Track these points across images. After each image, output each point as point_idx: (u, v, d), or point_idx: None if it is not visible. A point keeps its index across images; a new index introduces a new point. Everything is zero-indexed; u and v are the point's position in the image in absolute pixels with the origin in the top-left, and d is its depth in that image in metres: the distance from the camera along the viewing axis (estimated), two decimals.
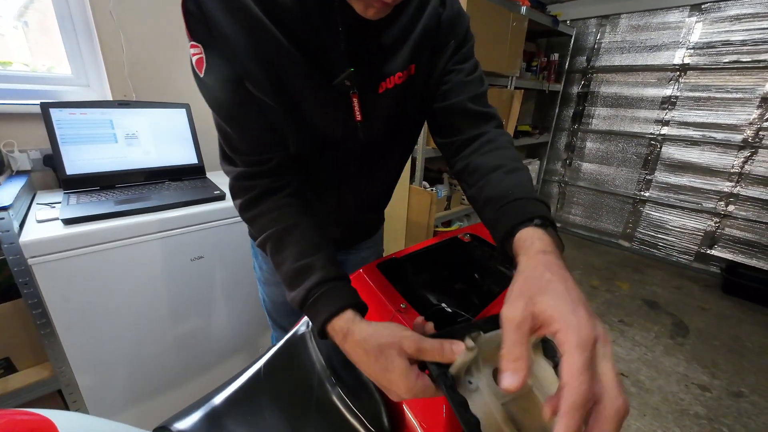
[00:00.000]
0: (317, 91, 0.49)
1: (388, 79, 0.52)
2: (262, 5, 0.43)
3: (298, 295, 0.45)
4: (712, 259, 2.57)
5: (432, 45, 0.54)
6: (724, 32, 2.25)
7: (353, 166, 0.60)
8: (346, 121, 0.52)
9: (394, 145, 0.62)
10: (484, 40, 1.87)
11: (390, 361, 0.37)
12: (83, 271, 0.91)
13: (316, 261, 0.46)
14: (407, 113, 0.58)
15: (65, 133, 1.09)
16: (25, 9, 1.25)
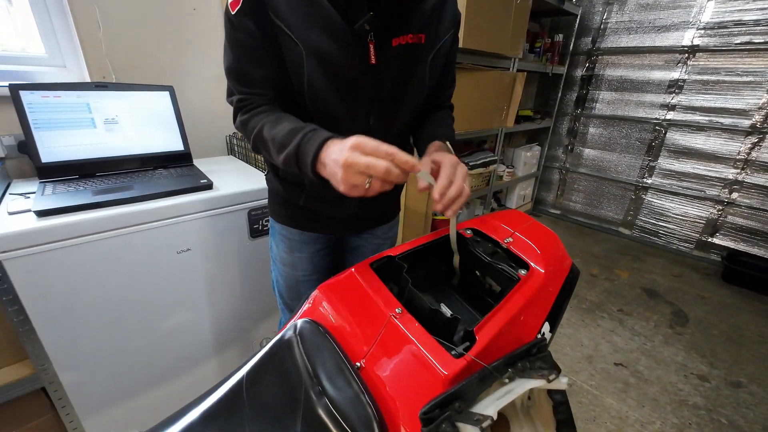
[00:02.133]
0: (340, 35, 0.58)
1: (401, 37, 0.61)
2: None
3: (296, 140, 0.55)
4: (713, 247, 2.54)
5: (438, 23, 0.65)
6: (737, 11, 2.15)
7: (367, 108, 0.66)
8: (362, 63, 0.60)
9: (404, 100, 0.68)
10: (487, 20, 1.78)
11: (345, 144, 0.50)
12: (61, 265, 0.86)
13: (304, 124, 0.58)
14: (416, 74, 0.66)
15: (38, 118, 1.01)
16: None
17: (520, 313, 0.49)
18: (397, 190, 0.91)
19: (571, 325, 1.86)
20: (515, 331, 0.49)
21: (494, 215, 0.69)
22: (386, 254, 0.59)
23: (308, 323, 0.53)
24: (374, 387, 0.45)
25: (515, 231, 0.62)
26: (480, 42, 1.79)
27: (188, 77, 1.43)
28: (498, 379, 0.41)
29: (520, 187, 3.07)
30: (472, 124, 2.05)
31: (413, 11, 0.61)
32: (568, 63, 2.89)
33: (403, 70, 0.65)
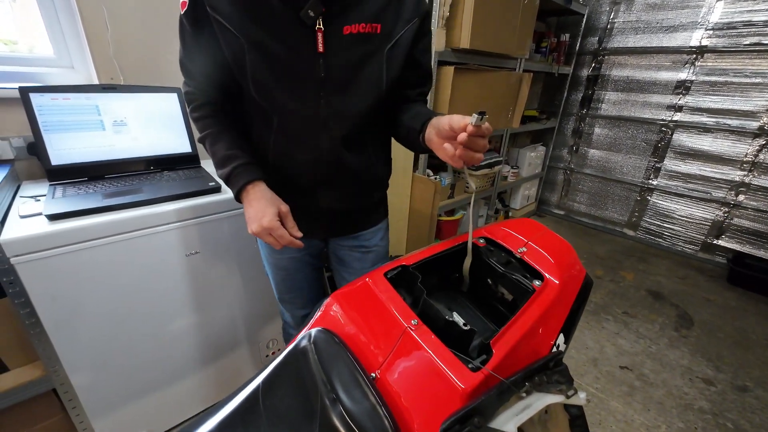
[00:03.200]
0: (284, 23, 0.59)
1: (353, 25, 0.61)
2: None
3: (226, 171, 0.67)
4: (718, 249, 2.53)
5: (396, 12, 0.64)
6: (746, 12, 2.13)
7: (311, 96, 0.65)
8: (306, 51, 0.61)
9: (356, 89, 0.66)
10: (494, 20, 1.76)
11: (269, 206, 0.64)
12: (71, 268, 0.86)
13: (239, 152, 0.68)
14: (370, 64, 0.65)
15: (48, 120, 1.02)
16: None
17: (536, 325, 0.49)
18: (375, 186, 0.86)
19: (577, 328, 1.86)
20: (531, 343, 0.49)
21: (506, 223, 0.68)
22: (400, 263, 0.59)
23: (323, 332, 0.53)
24: (390, 398, 0.45)
25: (529, 240, 0.62)
26: (486, 43, 1.78)
27: None
28: (516, 393, 0.41)
29: (524, 187, 3.06)
30: None
31: (367, 3, 0.61)
32: (574, 63, 2.87)
33: (355, 60, 0.63)
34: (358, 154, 0.75)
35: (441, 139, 0.58)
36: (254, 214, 0.64)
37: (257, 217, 0.63)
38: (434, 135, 0.60)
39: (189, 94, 0.73)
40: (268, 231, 0.62)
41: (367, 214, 0.88)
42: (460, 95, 1.76)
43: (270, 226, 0.62)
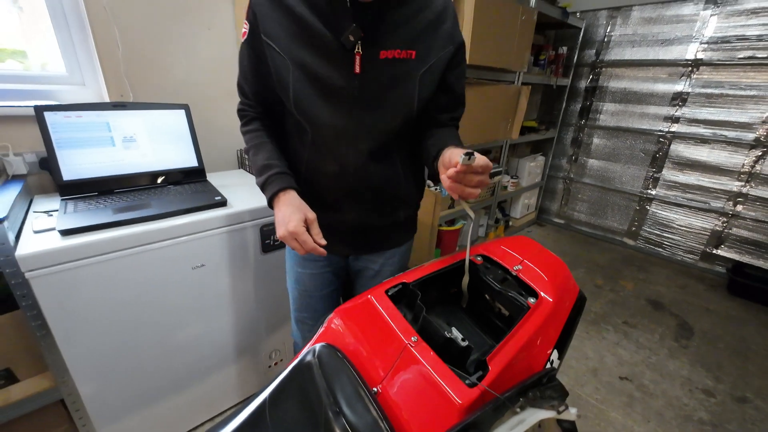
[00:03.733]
0: (326, 47, 0.65)
1: (389, 51, 0.66)
2: None
3: (262, 179, 0.73)
4: (717, 258, 2.55)
5: (431, 41, 0.69)
6: (739, 26, 2.18)
7: (344, 112, 0.70)
8: (344, 71, 0.67)
9: (385, 105, 0.71)
10: (492, 35, 1.81)
11: (296, 213, 0.67)
12: (82, 282, 0.89)
13: (276, 162, 0.74)
14: (405, 86, 0.70)
15: (61, 137, 1.05)
16: None
17: (530, 342, 0.52)
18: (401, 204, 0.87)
19: (576, 337, 1.87)
20: (526, 359, 0.51)
21: (503, 241, 0.71)
22: (401, 280, 0.62)
23: (327, 347, 0.55)
24: (391, 412, 0.48)
25: (524, 258, 0.65)
26: (485, 58, 1.83)
27: (202, 94, 1.47)
28: (510, 408, 0.43)
29: (524, 196, 3.09)
30: (477, 137, 2.08)
31: (402, 27, 0.66)
32: (572, 75, 2.92)
33: (388, 82, 0.69)
34: (384, 167, 0.78)
35: (443, 168, 0.62)
36: (282, 218, 0.68)
37: (284, 221, 0.67)
38: (440, 164, 0.65)
39: (241, 111, 0.82)
40: (293, 235, 0.65)
41: (391, 232, 0.90)
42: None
43: (295, 231, 0.65)
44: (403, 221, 0.91)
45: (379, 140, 0.74)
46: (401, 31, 0.66)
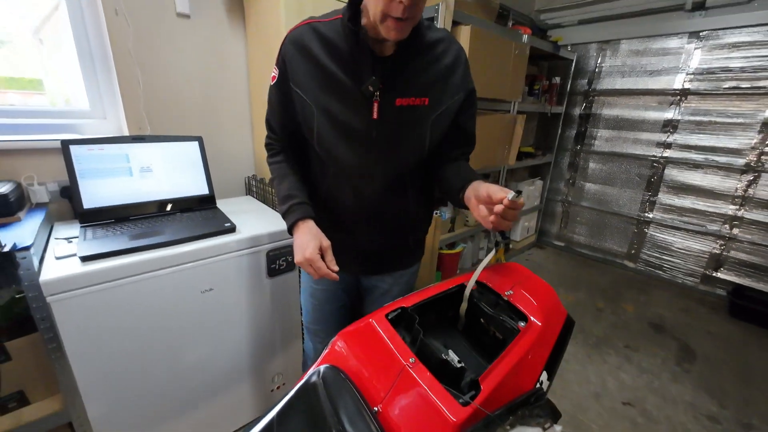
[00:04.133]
0: (348, 95, 0.73)
1: (405, 99, 0.73)
2: (319, 40, 0.73)
3: (284, 207, 0.81)
4: (718, 281, 2.56)
5: (443, 89, 0.76)
6: (723, 59, 2.30)
7: (362, 151, 0.78)
8: (363, 116, 0.74)
9: (399, 145, 0.79)
10: (487, 69, 1.92)
11: (312, 241, 0.75)
12: (98, 305, 0.94)
13: (297, 193, 0.82)
14: (418, 129, 0.77)
15: (83, 168, 1.13)
16: (41, 26, 1.31)
17: (520, 363, 0.56)
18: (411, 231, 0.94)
19: (578, 361, 1.87)
20: (516, 380, 0.55)
21: (495, 268, 0.76)
22: (400, 305, 0.66)
23: (331, 369, 0.59)
24: (390, 430, 0.51)
25: (515, 284, 0.69)
26: (481, 89, 1.92)
27: (214, 125, 1.56)
28: (500, 425, 0.47)
29: (524, 219, 3.15)
30: (476, 163, 2.15)
31: (417, 77, 0.74)
32: (566, 103, 3.04)
33: (403, 126, 0.76)
34: (397, 198, 0.86)
35: (477, 201, 0.69)
36: (299, 245, 0.75)
37: (302, 248, 0.74)
38: (473, 197, 0.71)
39: (269, 145, 0.91)
40: (309, 262, 0.72)
41: (400, 255, 0.97)
42: None
43: (311, 258, 0.72)
44: (412, 245, 0.98)
45: (394, 175, 0.82)
46: (416, 81, 0.73)
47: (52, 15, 1.29)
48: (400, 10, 0.60)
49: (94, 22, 1.27)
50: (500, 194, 0.63)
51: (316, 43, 0.72)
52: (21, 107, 1.28)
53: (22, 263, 0.84)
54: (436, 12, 1.66)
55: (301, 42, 0.74)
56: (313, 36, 0.73)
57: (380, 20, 0.62)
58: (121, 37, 1.26)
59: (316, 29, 0.73)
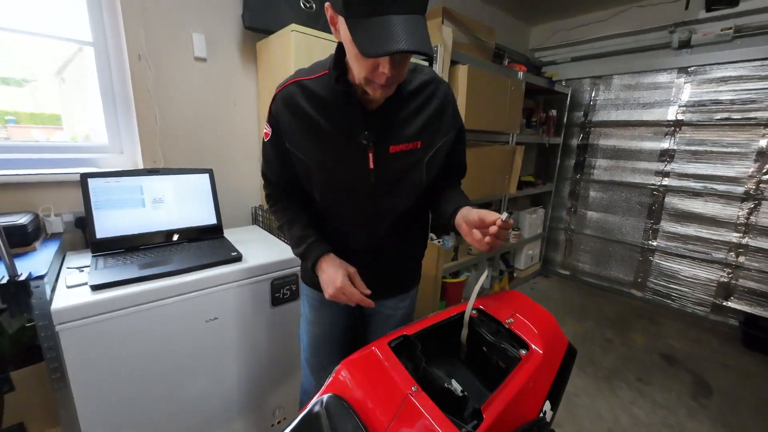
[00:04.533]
0: (341, 147, 0.75)
1: (398, 145, 0.76)
2: (309, 99, 0.74)
3: (301, 249, 0.84)
4: (729, 310, 2.50)
5: (435, 130, 0.79)
6: (712, 92, 2.39)
7: (363, 200, 0.81)
8: (360, 167, 0.76)
9: (398, 190, 0.81)
10: (486, 103, 2.02)
11: (339, 271, 0.78)
12: (105, 335, 0.95)
13: (311, 232, 0.85)
14: (414, 172, 0.80)
15: (99, 199, 1.18)
16: (64, 66, 1.41)
17: (523, 391, 0.56)
18: (411, 259, 0.99)
19: (589, 395, 1.81)
20: (519, 409, 0.55)
21: (497, 296, 0.77)
22: (402, 333, 0.67)
23: (334, 398, 0.60)
24: None
25: (515, 312, 0.70)
26: (480, 122, 2.02)
27: (224, 157, 1.63)
28: None
29: (527, 247, 3.15)
30: (477, 193, 2.20)
31: (407, 123, 0.76)
32: (563, 134, 3.13)
33: (399, 171, 0.78)
34: (398, 236, 0.89)
35: (469, 226, 0.71)
36: (328, 279, 0.78)
37: (331, 280, 0.77)
38: (463, 222, 0.74)
39: (270, 196, 0.92)
40: (341, 291, 0.75)
41: (401, 280, 1.00)
42: None
43: (342, 286, 0.75)
44: (411, 271, 1.02)
45: (395, 217, 0.85)
46: (407, 127, 0.76)
47: (75, 57, 1.40)
48: (383, 79, 0.61)
49: (119, 65, 1.37)
50: (492, 217, 0.66)
51: (306, 100, 0.74)
52: (44, 143, 1.36)
53: (35, 292, 0.86)
54: (435, 53, 1.78)
55: (291, 100, 0.75)
56: (302, 94, 0.74)
57: (364, 84, 0.64)
58: (142, 79, 1.36)
59: (304, 87, 0.74)
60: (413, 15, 0.57)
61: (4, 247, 0.83)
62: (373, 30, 0.55)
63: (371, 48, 0.55)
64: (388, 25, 0.55)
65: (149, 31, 1.35)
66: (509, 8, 2.93)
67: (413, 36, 0.55)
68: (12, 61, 1.30)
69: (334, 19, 0.63)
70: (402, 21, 0.55)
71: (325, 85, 0.73)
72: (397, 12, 0.55)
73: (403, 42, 0.54)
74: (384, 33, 0.55)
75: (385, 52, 0.55)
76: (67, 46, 1.36)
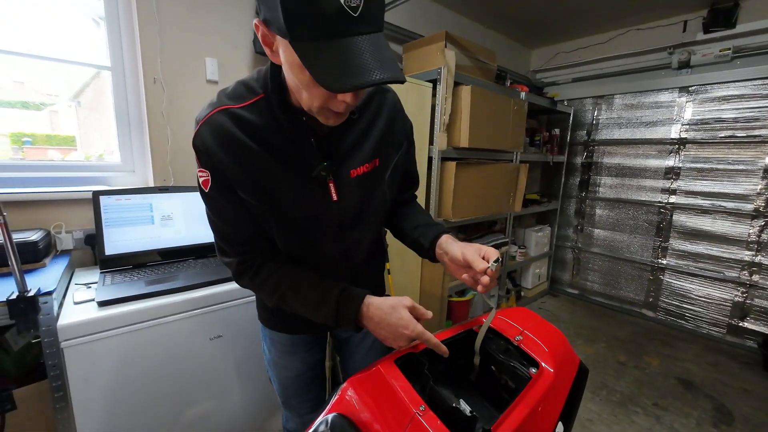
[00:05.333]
0: (297, 184, 0.64)
1: (358, 168, 0.67)
2: (246, 131, 0.60)
3: (331, 307, 0.64)
4: (746, 332, 2.42)
5: (390, 144, 0.72)
6: (714, 110, 2.41)
7: (331, 237, 0.71)
8: (323, 202, 0.66)
9: (365, 216, 0.73)
10: (489, 123, 2.05)
11: (398, 311, 0.62)
12: (109, 352, 0.94)
13: (330, 285, 0.66)
14: (375, 193, 0.73)
15: (109, 217, 1.20)
16: (81, 90, 1.47)
17: (534, 411, 0.54)
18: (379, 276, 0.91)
19: (603, 421, 1.73)
20: (531, 429, 0.53)
21: (504, 312, 0.76)
22: (409, 351, 0.66)
23: (339, 417, 0.58)
24: None
25: (524, 329, 0.69)
26: (483, 142, 2.04)
27: None
28: None
29: (534, 266, 3.10)
30: (482, 211, 2.21)
31: (362, 142, 0.67)
32: (567, 152, 3.15)
33: (364, 197, 0.70)
34: (374, 254, 0.84)
35: (457, 267, 0.69)
36: (393, 330, 0.62)
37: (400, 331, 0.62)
38: (447, 261, 0.70)
39: (242, 264, 0.68)
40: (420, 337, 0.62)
41: None
42: (462, 185, 1.96)
43: (420, 333, 0.62)
44: (381, 288, 0.94)
45: (369, 240, 0.78)
46: (363, 147, 0.67)
47: (92, 81, 1.47)
48: (343, 108, 0.54)
49: (134, 89, 1.43)
50: (481, 264, 0.63)
51: (243, 134, 0.60)
52: (58, 162, 1.40)
53: (43, 308, 0.87)
54: (439, 75, 1.83)
55: (223, 133, 0.60)
56: (234, 125, 0.60)
57: (315, 112, 0.55)
58: (156, 101, 1.41)
59: (236, 116, 0.60)
60: (377, 34, 0.48)
61: (15, 264, 0.85)
62: (332, 56, 0.45)
63: (337, 81, 0.45)
64: (353, 50, 0.45)
65: (165, 55, 1.41)
66: (509, 33, 3.02)
67: (384, 62, 0.46)
68: (33, 87, 1.37)
69: (269, 39, 0.52)
70: (367, 44, 0.46)
71: (262, 113, 0.60)
72: (359, 33, 0.46)
73: (376, 72, 0.45)
74: (349, 60, 0.45)
75: (356, 86, 0.45)
76: (85, 71, 1.42)
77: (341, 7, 0.43)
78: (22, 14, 1.26)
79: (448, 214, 1.96)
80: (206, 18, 1.50)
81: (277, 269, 0.68)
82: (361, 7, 0.44)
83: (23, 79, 1.37)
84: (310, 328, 0.82)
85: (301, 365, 0.88)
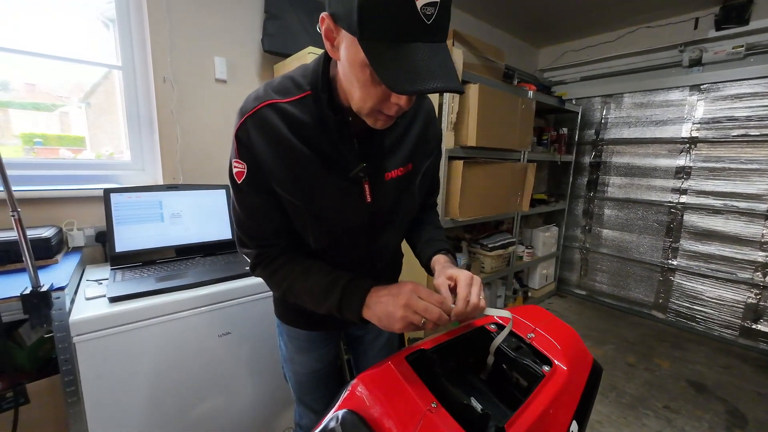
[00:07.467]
0: (334, 183, 0.65)
1: (393, 171, 0.69)
2: (291, 127, 0.61)
3: (336, 297, 0.64)
4: (759, 334, 2.37)
5: (423, 149, 0.74)
6: (726, 109, 2.37)
7: (361, 238, 0.72)
8: (357, 203, 0.67)
9: (395, 219, 0.75)
10: (497, 121, 2.04)
11: (403, 288, 0.60)
12: (120, 348, 0.95)
13: (338, 275, 0.66)
14: (407, 196, 0.74)
15: (120, 214, 1.21)
16: (92, 91, 1.48)
17: (548, 409, 0.53)
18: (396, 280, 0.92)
19: (612, 424, 1.71)
20: (544, 427, 0.52)
21: (515, 310, 0.75)
22: (420, 347, 0.66)
23: (350, 414, 0.58)
24: None
25: (536, 327, 0.68)
26: (491, 140, 2.03)
27: None
28: None
29: (541, 266, 3.08)
30: (490, 210, 2.19)
31: (399, 147, 0.69)
32: (575, 152, 3.12)
33: (395, 200, 0.71)
34: (388, 266, 0.86)
35: None
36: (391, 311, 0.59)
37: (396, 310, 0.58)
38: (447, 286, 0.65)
39: (259, 256, 0.69)
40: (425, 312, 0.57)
41: None
42: (469, 184, 1.95)
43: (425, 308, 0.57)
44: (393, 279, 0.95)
45: (397, 242, 0.82)
46: (399, 151, 0.69)
47: (103, 81, 1.48)
48: (394, 110, 0.54)
49: (144, 88, 1.44)
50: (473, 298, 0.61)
51: (287, 129, 0.60)
52: (70, 160, 1.42)
53: (55, 303, 0.88)
54: None
55: (269, 127, 0.60)
56: (280, 121, 0.60)
57: (365, 113, 0.56)
58: (166, 101, 1.42)
59: (282, 111, 0.60)
60: (442, 44, 0.50)
61: (29, 260, 0.86)
62: (399, 59, 0.46)
63: (401, 83, 0.46)
64: (420, 55, 0.47)
65: (174, 55, 1.42)
66: (517, 32, 3.00)
67: (448, 72, 0.48)
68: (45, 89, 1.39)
69: (332, 34, 0.52)
70: (431, 51, 0.48)
71: (308, 110, 0.61)
72: (428, 40, 0.47)
73: (439, 80, 0.47)
74: (416, 64, 0.46)
75: (420, 90, 0.46)
76: (95, 72, 1.44)
77: (417, 13, 0.45)
78: (35, 17, 1.28)
79: (456, 213, 1.95)
80: (215, 17, 1.51)
81: (291, 260, 0.69)
82: (435, 15, 0.46)
83: (35, 81, 1.39)
84: (327, 325, 0.83)
85: (317, 362, 0.88)
